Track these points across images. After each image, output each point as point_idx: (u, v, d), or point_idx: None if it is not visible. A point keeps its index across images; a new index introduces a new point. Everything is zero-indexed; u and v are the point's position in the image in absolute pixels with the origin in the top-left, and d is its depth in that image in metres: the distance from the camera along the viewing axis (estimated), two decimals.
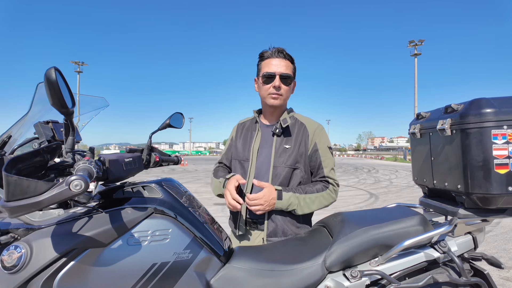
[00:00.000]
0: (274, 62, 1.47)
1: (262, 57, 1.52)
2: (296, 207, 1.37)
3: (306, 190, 1.41)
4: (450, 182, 1.17)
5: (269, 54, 1.50)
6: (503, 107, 1.03)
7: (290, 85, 1.51)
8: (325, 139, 1.51)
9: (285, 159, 1.44)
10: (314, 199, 1.40)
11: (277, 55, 1.48)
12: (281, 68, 1.47)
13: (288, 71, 1.48)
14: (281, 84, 1.46)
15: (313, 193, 1.41)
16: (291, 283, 1.02)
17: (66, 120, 0.83)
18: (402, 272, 1.07)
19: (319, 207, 1.42)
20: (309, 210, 1.41)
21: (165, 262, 0.92)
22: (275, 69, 1.46)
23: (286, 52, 1.49)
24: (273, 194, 1.35)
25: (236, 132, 1.66)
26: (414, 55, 39.32)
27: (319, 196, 1.41)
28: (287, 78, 1.47)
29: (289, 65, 1.50)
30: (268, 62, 1.49)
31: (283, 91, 1.48)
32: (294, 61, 1.54)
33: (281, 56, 1.48)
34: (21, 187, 0.66)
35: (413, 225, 1.12)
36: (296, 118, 1.55)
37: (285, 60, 1.49)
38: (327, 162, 1.47)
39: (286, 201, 1.36)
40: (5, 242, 0.84)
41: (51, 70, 0.72)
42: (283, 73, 1.46)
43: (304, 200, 1.38)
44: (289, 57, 1.50)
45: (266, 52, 1.51)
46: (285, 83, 1.47)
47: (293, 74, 1.53)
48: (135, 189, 1.01)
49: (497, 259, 1.16)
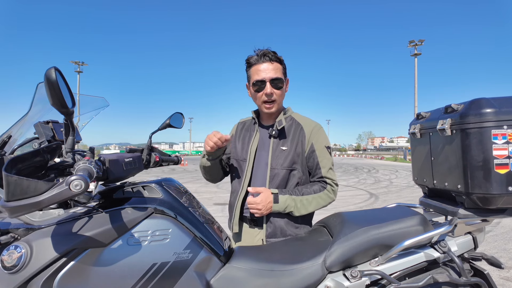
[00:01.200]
0: (262, 67, 1.44)
1: (249, 63, 1.48)
2: (293, 209, 1.38)
3: (303, 191, 1.41)
4: (450, 182, 1.17)
5: (255, 60, 1.46)
6: (503, 107, 1.03)
7: (283, 87, 1.47)
8: (322, 139, 1.50)
9: (282, 161, 1.44)
10: (311, 200, 1.40)
11: (263, 59, 1.44)
12: (270, 73, 1.43)
13: (278, 74, 1.45)
14: (272, 90, 1.44)
15: (310, 194, 1.41)
16: (291, 283, 1.02)
17: (66, 120, 0.83)
18: (402, 272, 1.07)
19: (316, 208, 1.42)
20: (306, 212, 1.40)
21: (165, 262, 0.92)
22: (264, 75, 1.43)
23: (271, 54, 1.45)
24: (269, 198, 1.36)
25: (236, 130, 1.66)
26: (414, 55, 39.31)
27: (316, 197, 1.41)
28: (278, 82, 1.44)
29: (278, 66, 1.46)
30: (256, 68, 1.45)
31: (276, 96, 1.45)
32: (283, 60, 1.49)
33: (267, 60, 1.44)
34: (21, 187, 0.66)
35: (413, 225, 1.12)
36: (293, 118, 1.53)
37: (272, 63, 1.44)
38: (324, 162, 1.46)
39: (283, 204, 1.36)
40: (5, 242, 0.84)
41: (51, 70, 0.72)
42: (273, 78, 1.43)
43: (301, 201, 1.39)
44: (276, 58, 1.46)
45: (252, 57, 1.47)
46: (276, 87, 1.44)
47: (284, 74, 1.49)
48: (135, 189, 1.01)
49: (497, 259, 1.16)
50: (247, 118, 1.68)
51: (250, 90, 1.53)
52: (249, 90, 1.54)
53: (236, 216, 1.47)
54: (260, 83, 1.44)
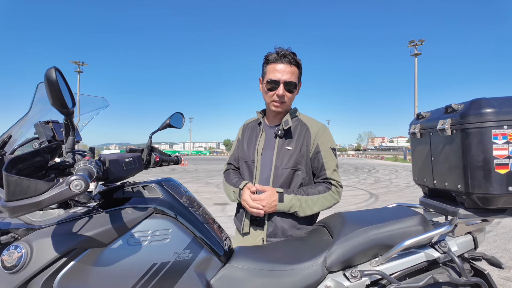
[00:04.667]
0: (278, 67, 1.42)
1: (267, 60, 1.47)
2: (298, 209, 1.38)
3: (308, 191, 1.41)
4: (450, 182, 1.17)
5: (274, 58, 1.44)
6: (504, 107, 1.03)
7: (294, 92, 1.47)
8: (328, 140, 1.50)
9: (286, 161, 1.44)
10: (316, 201, 1.40)
11: (282, 60, 1.42)
12: (286, 76, 1.42)
13: (293, 79, 1.43)
14: (285, 92, 1.43)
15: (315, 194, 1.41)
16: (291, 283, 1.02)
17: (66, 120, 0.83)
18: (402, 272, 1.07)
19: (321, 208, 1.42)
20: (311, 212, 1.40)
21: (165, 262, 0.92)
22: (279, 77, 1.42)
23: (292, 57, 1.43)
24: (274, 197, 1.36)
25: (242, 133, 1.66)
26: (414, 55, 39.30)
27: (320, 198, 1.41)
28: (291, 86, 1.44)
29: (295, 71, 1.44)
30: (272, 67, 1.44)
31: (287, 99, 1.45)
32: (301, 64, 1.48)
33: (286, 62, 1.42)
34: (21, 187, 0.66)
35: (413, 225, 1.12)
36: (299, 119, 1.53)
37: (290, 65, 1.43)
38: (329, 163, 1.46)
39: (288, 203, 1.37)
40: (5, 242, 0.84)
41: (51, 70, 0.72)
42: (288, 81, 1.42)
43: (306, 202, 1.39)
44: (295, 62, 1.44)
45: (272, 55, 1.45)
46: (289, 90, 1.44)
47: (299, 79, 1.48)
48: (135, 189, 1.01)
49: (497, 259, 1.15)
50: (252, 119, 1.69)
51: (262, 86, 1.52)
52: (261, 85, 1.53)
53: (247, 217, 1.47)
54: (274, 82, 1.43)
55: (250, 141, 1.57)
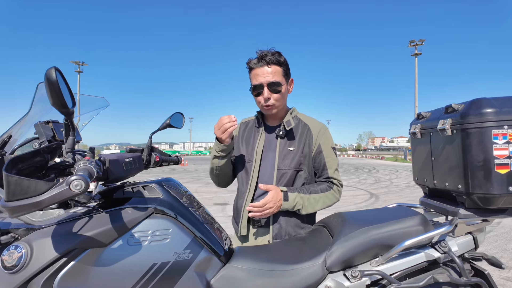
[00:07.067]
0: (259, 71, 1.41)
1: (249, 67, 1.46)
2: (301, 207, 1.38)
3: (311, 190, 1.42)
4: (450, 182, 1.17)
5: (254, 64, 1.43)
6: (504, 107, 1.03)
7: (281, 91, 1.44)
8: (328, 139, 1.50)
9: (289, 162, 1.44)
10: (318, 199, 1.41)
11: (261, 63, 1.41)
12: (267, 77, 1.40)
13: (276, 78, 1.41)
14: (270, 94, 1.42)
15: (318, 193, 1.42)
16: (292, 283, 1.01)
17: (66, 120, 0.83)
18: (402, 272, 1.07)
19: (322, 207, 1.43)
20: (313, 210, 1.41)
21: (165, 262, 0.92)
22: (261, 80, 1.40)
23: (269, 57, 1.40)
24: (280, 196, 1.36)
25: (238, 131, 1.64)
26: (415, 55, 39.28)
27: (323, 196, 1.42)
28: (275, 86, 1.41)
29: (276, 70, 1.42)
30: (254, 73, 1.43)
31: (274, 100, 1.43)
32: (283, 61, 1.44)
33: (265, 63, 1.40)
34: (22, 187, 0.66)
35: (414, 225, 1.12)
36: (299, 119, 1.53)
37: (269, 66, 1.41)
38: (331, 163, 1.47)
39: (292, 202, 1.37)
40: (5, 242, 0.84)
41: (51, 70, 0.72)
42: (270, 82, 1.40)
43: (309, 200, 1.39)
44: (275, 60, 1.41)
45: (251, 61, 1.44)
46: (274, 91, 1.42)
47: (284, 75, 1.46)
48: (135, 189, 1.01)
49: (497, 259, 1.15)
50: (249, 118, 1.67)
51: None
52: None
53: (244, 219, 1.45)
54: (257, 87, 1.42)
55: (248, 141, 1.56)
